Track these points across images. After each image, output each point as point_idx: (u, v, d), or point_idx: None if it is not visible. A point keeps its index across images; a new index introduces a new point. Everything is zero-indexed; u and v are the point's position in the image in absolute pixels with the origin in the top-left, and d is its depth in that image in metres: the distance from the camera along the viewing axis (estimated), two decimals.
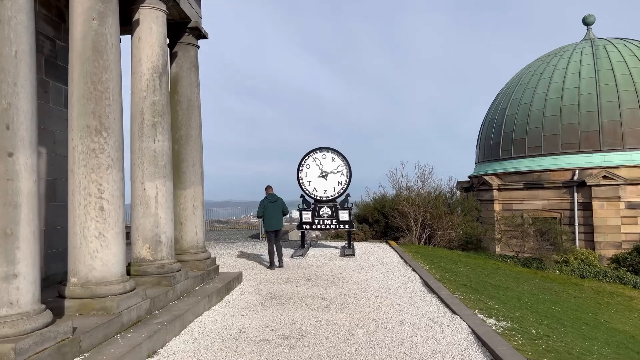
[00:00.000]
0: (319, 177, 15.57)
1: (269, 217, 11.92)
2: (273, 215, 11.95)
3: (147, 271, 7.24)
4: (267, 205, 11.95)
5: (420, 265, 12.18)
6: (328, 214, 15.46)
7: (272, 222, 11.94)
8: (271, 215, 11.93)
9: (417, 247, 16.60)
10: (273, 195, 12.12)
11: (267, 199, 12.03)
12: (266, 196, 12.11)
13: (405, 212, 17.64)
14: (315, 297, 8.55)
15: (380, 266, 12.18)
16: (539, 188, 24.07)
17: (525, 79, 26.87)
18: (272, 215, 11.94)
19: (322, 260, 13.49)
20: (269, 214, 11.93)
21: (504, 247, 19.45)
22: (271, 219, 11.92)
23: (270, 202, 11.98)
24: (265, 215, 11.96)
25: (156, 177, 7.41)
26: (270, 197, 12.05)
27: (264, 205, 11.97)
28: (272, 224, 11.94)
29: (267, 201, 11.99)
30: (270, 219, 11.92)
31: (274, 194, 12.16)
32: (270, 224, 11.94)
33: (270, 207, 11.96)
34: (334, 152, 15.66)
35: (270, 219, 11.92)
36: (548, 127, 24.37)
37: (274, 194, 12.17)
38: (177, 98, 9.20)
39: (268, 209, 11.94)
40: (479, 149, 29.20)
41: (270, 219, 11.92)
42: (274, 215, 11.96)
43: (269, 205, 11.96)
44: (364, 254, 14.79)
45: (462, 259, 15.35)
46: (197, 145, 9.26)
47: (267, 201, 11.99)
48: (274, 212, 11.98)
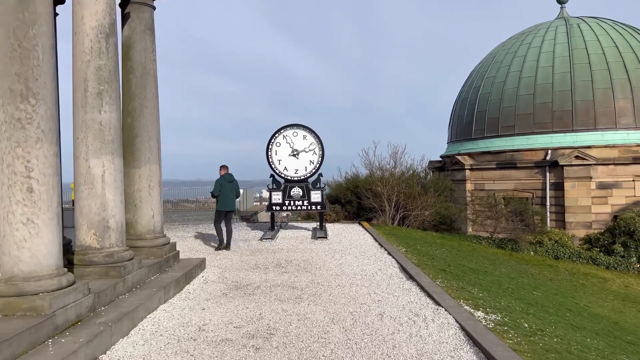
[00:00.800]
0: (289, 156, 14.75)
1: (224, 197, 11.68)
2: (228, 195, 11.73)
3: (93, 261, 6.34)
4: (224, 185, 11.68)
5: (395, 248, 11.58)
6: (299, 195, 14.69)
7: (226, 202, 11.72)
8: (226, 195, 11.70)
9: (391, 228, 16.04)
10: (230, 175, 11.88)
11: (223, 178, 11.73)
12: (222, 175, 11.78)
13: (378, 193, 17.03)
14: (285, 286, 7.82)
15: (354, 249, 11.53)
16: (512, 168, 23.84)
17: (499, 57, 26.43)
18: (227, 196, 11.72)
19: (293, 243, 12.76)
20: (224, 193, 11.68)
21: (478, 228, 19.14)
22: (226, 199, 11.70)
23: (227, 182, 11.72)
24: (220, 194, 11.67)
25: (103, 154, 6.46)
26: (227, 176, 11.79)
27: (221, 184, 11.67)
28: (226, 203, 11.73)
29: (223, 180, 11.71)
30: (225, 199, 11.69)
31: (230, 174, 11.91)
32: (224, 203, 11.70)
33: (226, 187, 11.69)
34: (306, 129, 14.82)
35: (225, 198, 11.68)
36: (522, 106, 24.05)
37: (230, 174, 11.92)
38: (130, 65, 8.17)
39: (224, 188, 11.67)
40: (451, 128, 28.81)
41: (225, 198, 11.68)
42: (229, 195, 11.75)
43: (226, 184, 11.70)
44: (336, 236, 14.13)
45: (437, 240, 14.88)
46: (152, 118, 8.29)
47: (223, 180, 11.71)
48: (230, 192, 11.77)
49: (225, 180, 11.72)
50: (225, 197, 11.70)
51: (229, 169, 12.02)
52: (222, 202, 11.71)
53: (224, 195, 11.68)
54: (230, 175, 11.89)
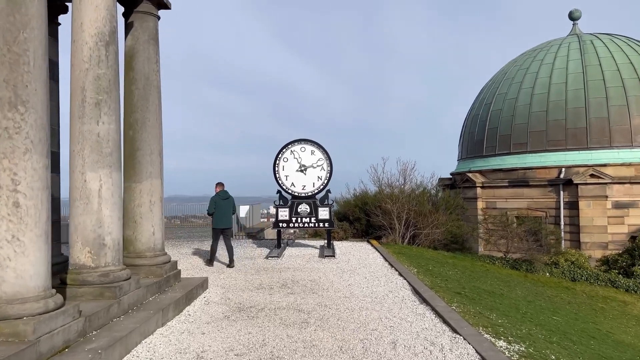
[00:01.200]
0: (297, 172, 14.38)
1: (220, 215, 11.50)
2: (224, 212, 11.55)
3: (87, 280, 5.96)
4: (219, 202, 11.51)
5: (406, 268, 11.11)
6: (307, 212, 14.29)
7: (223, 220, 11.54)
8: (222, 212, 11.52)
9: (401, 247, 15.56)
10: (225, 192, 11.70)
11: (218, 195, 11.58)
12: (217, 193, 11.63)
13: (388, 210, 16.58)
14: (291, 308, 7.38)
15: (363, 269, 11.07)
16: (524, 186, 23.32)
17: (510, 73, 26.10)
18: (224, 213, 11.54)
19: (300, 262, 12.33)
20: (220, 211, 11.50)
21: (491, 248, 18.55)
22: (222, 217, 11.52)
23: (222, 199, 11.55)
24: (216, 212, 11.50)
25: (100, 167, 6.12)
26: (222, 194, 11.62)
27: (215, 202, 11.51)
28: (222, 221, 11.54)
29: (218, 198, 11.55)
30: (222, 217, 11.52)
31: (225, 191, 11.73)
32: (220, 221, 11.52)
33: (222, 205, 11.52)
34: (314, 144, 14.48)
35: (221, 216, 11.51)
36: (534, 123, 23.62)
37: (226, 191, 11.75)
38: (132, 75, 7.89)
39: (220, 206, 11.50)
40: (462, 145, 28.38)
41: (221, 216, 11.51)
42: (225, 212, 11.56)
43: (221, 202, 11.53)
44: (344, 254, 13.67)
45: (448, 260, 14.37)
46: (155, 132, 7.97)
47: (218, 198, 11.55)
48: (226, 209, 11.58)
49: (220, 198, 11.56)
50: (222, 215, 11.51)
51: (224, 186, 11.86)
52: (218, 220, 11.52)
53: (220, 212, 11.50)
54: (225, 192, 11.71)
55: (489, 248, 20.05)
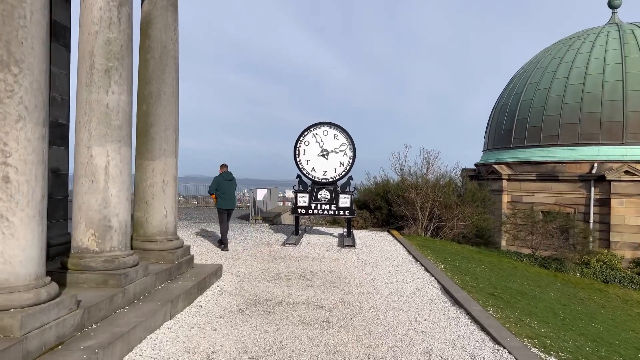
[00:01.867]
0: (318, 156, 13.73)
1: (223, 196, 11.44)
2: (227, 193, 11.48)
3: (89, 266, 5.41)
4: (222, 183, 11.45)
5: (432, 263, 10.43)
6: (327, 198, 13.66)
7: (226, 201, 11.46)
8: (225, 193, 11.44)
9: (424, 239, 14.87)
10: (229, 173, 11.64)
11: (222, 176, 11.52)
12: (221, 174, 11.57)
13: (411, 200, 15.86)
14: (310, 304, 6.77)
15: (386, 262, 10.42)
16: (553, 180, 22.35)
17: (544, 62, 24.95)
18: (226, 194, 11.47)
19: (319, 250, 11.73)
20: (223, 192, 11.43)
21: (519, 244, 17.72)
22: (226, 197, 11.45)
23: (225, 180, 11.47)
24: (218, 193, 11.44)
25: (108, 141, 5.53)
26: (225, 175, 11.55)
27: (218, 182, 11.46)
28: (226, 202, 11.47)
29: (221, 178, 11.49)
30: (225, 197, 11.45)
31: (229, 172, 11.66)
32: (224, 202, 11.45)
33: (224, 185, 11.46)
34: (337, 128, 13.78)
35: (224, 197, 11.45)
36: (567, 116, 22.55)
37: (229, 172, 11.68)
38: (148, 44, 7.25)
39: (222, 186, 11.44)
40: (488, 135, 27.38)
41: (224, 197, 11.45)
42: (228, 193, 11.49)
43: (224, 182, 11.46)
44: (365, 245, 13.04)
45: (474, 256, 13.64)
46: (171, 106, 7.35)
47: (221, 178, 11.49)
48: (228, 190, 11.52)
49: (223, 179, 11.46)
50: (225, 196, 11.44)
51: (228, 167, 11.74)
52: (222, 201, 11.45)
53: (223, 193, 11.43)
54: (229, 173, 11.61)
55: (514, 243, 19.24)
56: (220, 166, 11.76)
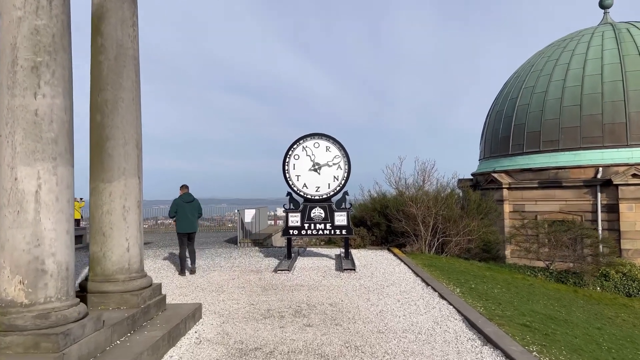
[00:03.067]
0: (310, 171, 12.49)
1: (182, 218, 10.90)
2: (187, 216, 10.93)
3: (15, 325, 4.07)
4: (181, 205, 10.93)
5: (445, 286, 9.16)
6: (321, 217, 12.38)
7: (185, 224, 10.90)
8: (185, 216, 10.91)
9: (429, 257, 13.61)
10: (188, 194, 11.11)
11: (181, 198, 11.02)
12: (180, 195, 11.07)
13: (412, 214, 14.63)
14: (310, 352, 5.46)
15: (392, 288, 9.14)
16: (556, 187, 21.29)
17: (538, 65, 24.08)
18: (186, 217, 10.92)
19: (315, 276, 10.42)
20: (182, 214, 10.90)
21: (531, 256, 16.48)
22: (185, 221, 10.90)
23: (184, 202, 10.96)
24: (178, 216, 10.93)
25: (39, 159, 4.24)
26: (185, 196, 11.03)
27: (177, 205, 10.95)
28: (185, 225, 10.90)
29: (181, 200, 10.98)
30: (184, 221, 10.90)
31: (189, 194, 11.14)
32: (183, 225, 10.90)
33: (184, 208, 10.92)
34: (329, 139, 12.58)
35: (183, 220, 10.90)
36: (567, 119, 21.60)
37: (190, 194, 11.15)
38: (100, 42, 6.00)
39: (182, 209, 10.91)
40: (484, 144, 26.36)
41: (183, 220, 10.90)
42: (188, 216, 10.93)
43: (183, 205, 10.94)
44: (365, 267, 11.75)
45: (485, 273, 12.39)
46: (131, 115, 6.08)
47: (181, 200, 10.98)
48: (189, 213, 10.95)
49: (182, 201, 10.94)
50: (184, 219, 10.89)
51: (189, 188, 11.24)
52: (181, 224, 10.90)
53: (183, 216, 10.88)
54: (189, 195, 11.08)
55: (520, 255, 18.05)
56: (180, 187, 11.21)
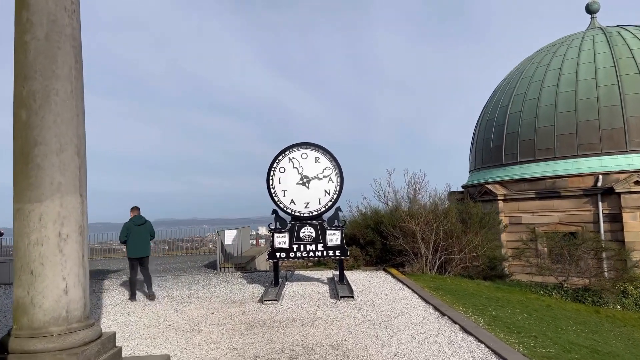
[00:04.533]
0: (298, 185, 11.08)
1: (133, 242, 10.32)
2: (139, 240, 10.36)
3: None
4: (132, 229, 10.36)
5: (464, 315, 7.78)
6: (311, 236, 10.94)
7: (137, 248, 10.34)
8: (136, 240, 10.34)
9: (431, 277, 12.24)
10: (140, 217, 10.54)
11: (132, 221, 10.43)
12: (131, 218, 10.48)
13: (410, 231, 13.28)
14: None
15: (401, 319, 7.71)
16: (554, 197, 20.23)
17: (528, 71, 23.23)
18: (138, 240, 10.35)
19: (308, 307, 8.94)
20: (133, 238, 10.33)
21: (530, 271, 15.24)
22: (136, 244, 10.34)
23: (135, 225, 10.39)
24: (129, 239, 10.33)
25: None
26: (135, 219, 10.47)
27: (128, 228, 10.37)
28: (137, 249, 10.34)
29: (132, 224, 10.41)
30: (136, 245, 10.33)
31: (140, 216, 10.58)
32: (135, 249, 10.32)
33: (135, 231, 10.35)
34: (318, 149, 11.21)
35: (135, 244, 10.33)
36: (562, 126, 20.65)
37: (141, 216, 10.58)
38: (26, 17, 4.55)
39: (133, 232, 10.34)
40: (475, 154, 25.32)
41: (135, 244, 10.33)
42: (139, 240, 10.37)
43: (134, 228, 10.37)
44: (364, 292, 10.33)
45: (497, 295, 11.06)
46: (69, 113, 4.61)
47: (132, 224, 10.41)
48: (140, 236, 10.39)
49: (133, 224, 10.36)
50: (136, 243, 10.30)
51: (140, 210, 10.67)
52: (132, 248, 10.31)
53: (133, 240, 10.29)
54: (140, 217, 10.52)
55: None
56: (130, 209, 10.62)
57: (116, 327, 8.06)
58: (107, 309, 9.69)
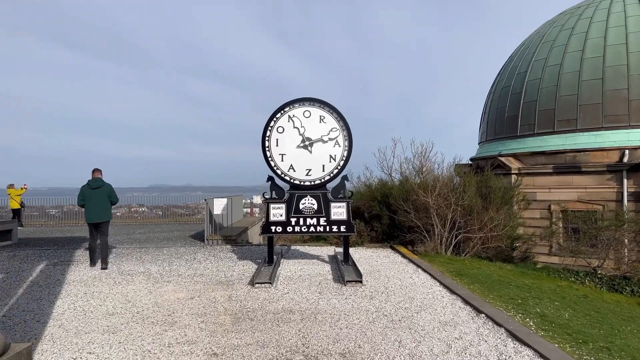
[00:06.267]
0: (298, 148, 9.41)
1: (90, 206, 9.64)
2: (96, 204, 9.67)
3: None
4: (87, 192, 9.67)
5: (505, 313, 6.24)
6: (313, 209, 9.34)
7: (93, 213, 9.65)
8: (93, 204, 9.65)
9: (448, 259, 10.71)
10: (97, 180, 9.80)
11: (88, 184, 9.74)
12: (88, 181, 9.77)
13: (423, 205, 11.69)
14: None
15: (425, 315, 6.17)
16: (574, 173, 18.62)
17: (550, 35, 21.28)
18: (94, 204, 9.66)
19: (308, 293, 7.39)
20: (90, 202, 9.64)
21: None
22: (93, 208, 9.65)
23: (90, 189, 9.69)
24: (86, 203, 9.65)
25: None
26: (92, 182, 9.74)
27: (83, 192, 9.70)
28: (93, 214, 9.65)
29: (87, 187, 9.71)
30: (93, 208, 9.65)
31: (97, 179, 9.83)
32: (91, 214, 9.64)
33: (92, 195, 9.65)
34: (324, 106, 9.49)
35: (91, 208, 9.64)
36: (586, 95, 18.87)
37: (99, 179, 9.84)
38: None
39: (89, 196, 9.64)
40: (487, 124, 23.55)
41: (91, 208, 9.64)
42: (97, 204, 9.68)
43: (90, 192, 9.67)
44: (372, 275, 8.82)
45: (525, 281, 9.55)
46: None
47: (87, 187, 9.71)
48: (98, 200, 9.68)
49: (89, 187, 9.65)
50: (92, 207, 9.63)
51: (101, 173, 9.91)
52: (89, 213, 9.65)
53: (91, 204, 9.61)
54: (97, 180, 9.76)
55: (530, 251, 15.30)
56: (92, 171, 9.88)
57: (71, 312, 6.51)
58: (68, 287, 8.14)
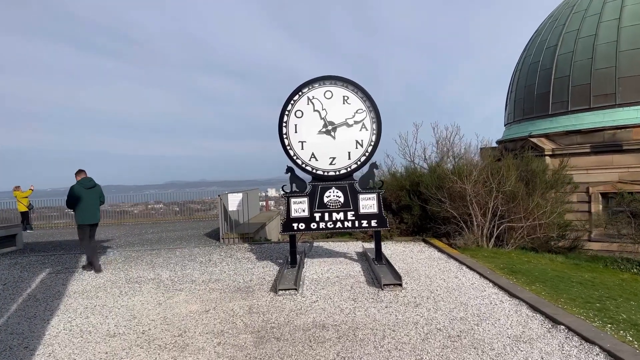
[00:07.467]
0: (320, 134, 8.29)
1: (85, 207, 9.12)
2: (91, 204, 9.20)
3: None
4: (82, 193, 9.11)
5: (588, 323, 5.08)
6: (339, 202, 8.24)
7: (89, 214, 9.17)
8: (88, 205, 9.15)
9: (492, 252, 9.54)
10: (88, 179, 9.32)
11: (81, 184, 9.15)
12: (79, 181, 9.20)
13: (459, 193, 10.51)
14: None
15: (489, 327, 5.04)
16: (614, 152, 17.22)
17: (581, 4, 19.76)
18: (89, 205, 9.17)
19: (340, 301, 6.30)
20: (85, 203, 9.12)
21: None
22: (88, 210, 9.16)
23: (85, 189, 9.14)
24: (80, 205, 9.09)
25: None
26: (85, 182, 9.21)
27: (78, 192, 9.08)
28: (90, 215, 9.18)
29: (81, 187, 9.11)
30: (87, 210, 9.15)
31: (89, 178, 9.36)
32: (86, 215, 9.15)
33: (86, 195, 9.12)
34: (348, 84, 8.35)
35: (86, 209, 9.14)
36: (625, 67, 17.40)
37: (90, 178, 9.37)
38: None
39: (84, 197, 9.11)
40: (514, 104, 22.13)
41: (86, 209, 9.14)
42: (92, 204, 9.21)
43: (84, 192, 9.13)
44: (410, 275, 7.70)
45: (584, 275, 8.35)
46: None
47: (81, 187, 9.11)
48: (93, 200, 9.22)
49: (83, 187, 9.11)
50: (89, 208, 9.13)
51: (87, 173, 9.46)
52: (83, 214, 9.12)
53: (85, 206, 9.08)
54: (88, 179, 9.29)
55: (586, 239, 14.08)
56: (76, 173, 9.36)
57: (66, 334, 5.51)
58: (67, 300, 7.17)
